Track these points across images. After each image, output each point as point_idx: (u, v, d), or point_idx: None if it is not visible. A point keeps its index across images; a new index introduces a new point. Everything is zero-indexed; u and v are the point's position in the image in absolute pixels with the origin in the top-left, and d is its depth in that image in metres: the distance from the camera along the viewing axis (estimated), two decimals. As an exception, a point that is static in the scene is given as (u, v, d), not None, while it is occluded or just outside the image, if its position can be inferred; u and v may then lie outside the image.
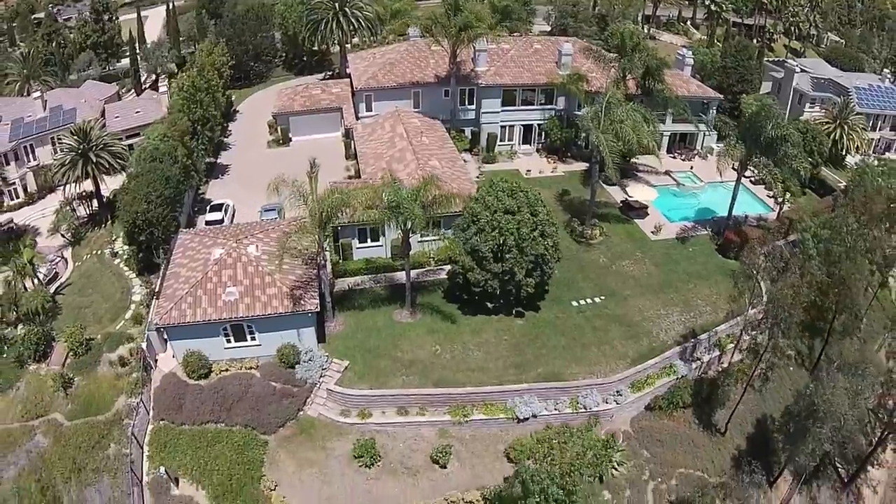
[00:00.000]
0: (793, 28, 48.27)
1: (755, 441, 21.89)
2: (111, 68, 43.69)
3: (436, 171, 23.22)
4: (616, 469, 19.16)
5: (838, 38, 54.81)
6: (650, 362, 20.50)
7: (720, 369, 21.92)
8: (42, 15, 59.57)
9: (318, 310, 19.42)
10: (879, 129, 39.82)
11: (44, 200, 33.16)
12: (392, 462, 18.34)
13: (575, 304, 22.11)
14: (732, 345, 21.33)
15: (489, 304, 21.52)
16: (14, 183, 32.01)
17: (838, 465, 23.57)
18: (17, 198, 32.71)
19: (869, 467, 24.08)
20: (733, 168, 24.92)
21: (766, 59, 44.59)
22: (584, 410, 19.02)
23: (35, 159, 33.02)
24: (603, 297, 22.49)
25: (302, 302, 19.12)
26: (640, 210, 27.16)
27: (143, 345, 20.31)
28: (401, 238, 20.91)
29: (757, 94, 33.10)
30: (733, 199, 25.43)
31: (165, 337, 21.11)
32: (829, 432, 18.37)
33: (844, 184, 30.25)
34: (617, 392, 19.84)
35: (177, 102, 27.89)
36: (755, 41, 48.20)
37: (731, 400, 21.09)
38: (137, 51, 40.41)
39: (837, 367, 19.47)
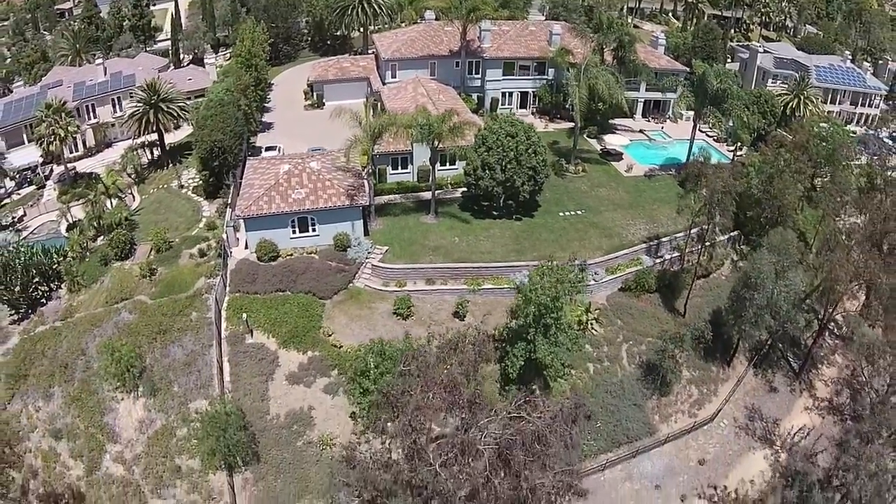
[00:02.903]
0: (764, 18, 61.20)
1: (711, 325, 30.83)
2: (148, 49, 54.61)
3: (451, 116, 33.42)
4: (595, 330, 28.10)
5: (816, 31, 67.75)
6: (620, 252, 30.08)
7: (680, 266, 31.41)
8: (65, 6, 71.78)
9: (368, 203, 28.72)
10: (839, 104, 51.38)
11: (101, 154, 42.76)
12: (423, 316, 27.12)
13: (561, 214, 31.86)
14: (689, 249, 30.72)
15: (494, 213, 31.31)
16: (75, 137, 41.54)
17: (790, 359, 32.53)
18: (77, 151, 42.29)
19: (821, 365, 33.11)
20: (692, 120, 35.45)
21: (736, 42, 56.97)
22: (569, 284, 28.15)
23: (96, 117, 42.90)
24: (583, 211, 32.30)
25: (355, 198, 28.58)
26: (616, 155, 37.41)
27: (224, 235, 29.28)
28: (425, 165, 30.69)
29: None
30: (691, 142, 35.81)
31: (237, 236, 30.15)
32: (763, 301, 27.03)
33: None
34: (594, 273, 29.16)
35: (232, 67, 38.18)
36: (732, 31, 61.00)
37: (687, 289, 30.31)
38: (177, 34, 51.70)
39: (766, 249, 28.74)
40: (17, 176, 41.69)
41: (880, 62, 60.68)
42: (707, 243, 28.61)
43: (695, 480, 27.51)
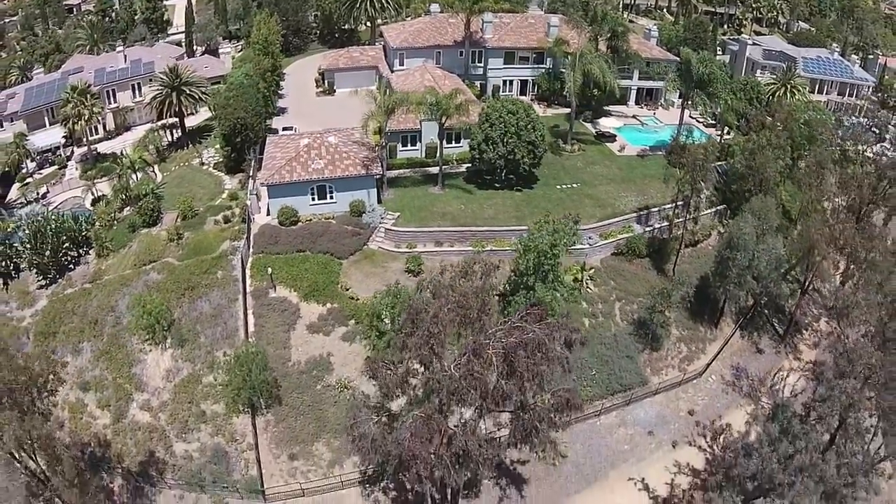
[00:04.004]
0: (755, 14, 67.08)
1: (699, 290, 34.96)
2: (161, 41, 59.58)
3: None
4: (590, 288, 32.11)
5: (809, 27, 73.61)
6: (613, 220, 34.41)
7: (668, 234, 35.61)
8: (74, 1, 77.04)
9: (382, 174, 32.91)
10: (826, 93, 56.44)
11: (121, 137, 47.14)
12: (432, 273, 30.98)
13: (558, 187, 36.28)
14: (678, 218, 34.93)
15: (497, 185, 35.66)
16: (99, 119, 45.80)
17: (775, 324, 36.54)
18: (98, 134, 46.59)
19: (805, 331, 37.11)
20: (680, 103, 40.28)
21: (725, 35, 62.56)
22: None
23: (116, 102, 47.32)
24: (578, 184, 36.73)
25: (370, 168, 32.85)
26: (610, 137, 42.14)
27: (248, 202, 33.34)
28: (432, 142, 35.04)
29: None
30: (679, 124, 40.43)
31: (259, 205, 34.22)
32: (745, 262, 30.89)
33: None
34: (589, 237, 33.30)
35: (249, 55, 42.84)
36: (725, 27, 66.67)
37: (675, 254, 34.40)
38: (191, 26, 56.80)
39: (748, 213, 32.81)
40: (38, 157, 45.90)
41: (870, 57, 66.29)
42: (692, 209, 32.90)
43: (685, 429, 31.11)
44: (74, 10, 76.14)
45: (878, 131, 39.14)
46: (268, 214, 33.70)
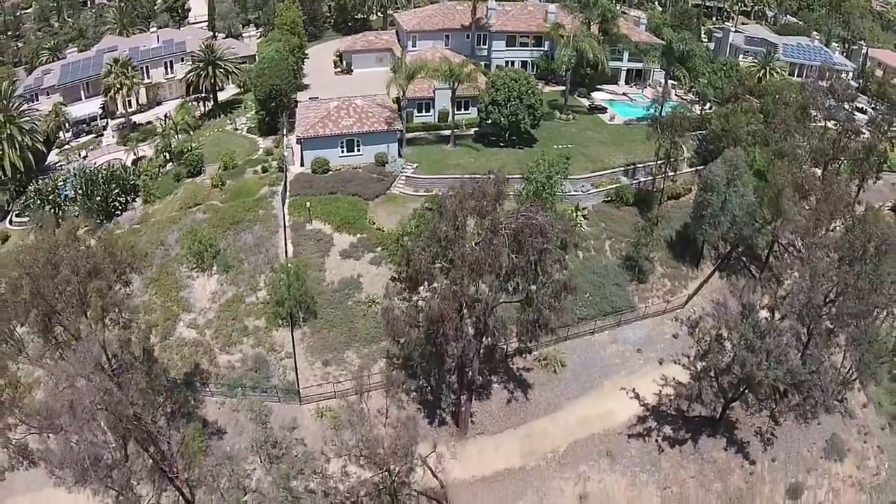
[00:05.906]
0: (741, 6, 78.62)
1: (680, 234, 43.50)
2: (182, 28, 69.32)
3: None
4: (584, 227, 40.56)
5: (797, 21, 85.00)
6: (603, 172, 43.49)
7: (653, 187, 44.43)
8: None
9: (402, 130, 41.76)
10: (806, 76, 66.62)
11: (152, 110, 55.75)
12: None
13: (555, 146, 45.22)
14: (660, 173, 43.85)
15: (501, 144, 44.85)
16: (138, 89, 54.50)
17: (752, 269, 45.04)
18: (131, 107, 55.23)
19: (780, 277, 45.58)
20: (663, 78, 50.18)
21: (710, 25, 73.74)
22: (562, 194, 41.00)
23: (149, 78, 56.24)
24: (573, 145, 45.88)
25: (392, 125, 41.71)
26: (601, 109, 51.79)
27: (285, 153, 41.80)
28: (444, 108, 44.29)
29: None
30: (663, 97, 49.93)
31: (293, 158, 42.70)
32: (719, 204, 39.45)
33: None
34: (582, 186, 42.01)
35: (275, 35, 52.30)
36: (714, 19, 77.96)
37: (658, 204, 43.11)
38: (213, 13, 66.88)
39: (721, 161, 41.53)
40: (74, 127, 54.25)
41: (854, 47, 77.34)
42: (672, 161, 41.82)
43: (670, 350, 38.83)
44: (88, 2, 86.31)
45: (836, 98, 48.62)
46: (301, 165, 42.23)
